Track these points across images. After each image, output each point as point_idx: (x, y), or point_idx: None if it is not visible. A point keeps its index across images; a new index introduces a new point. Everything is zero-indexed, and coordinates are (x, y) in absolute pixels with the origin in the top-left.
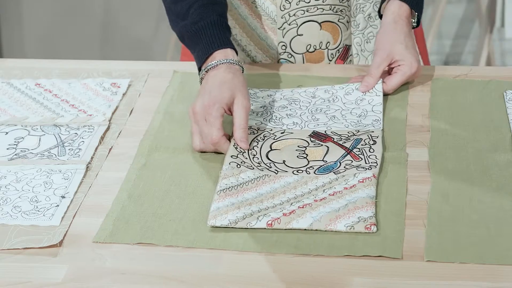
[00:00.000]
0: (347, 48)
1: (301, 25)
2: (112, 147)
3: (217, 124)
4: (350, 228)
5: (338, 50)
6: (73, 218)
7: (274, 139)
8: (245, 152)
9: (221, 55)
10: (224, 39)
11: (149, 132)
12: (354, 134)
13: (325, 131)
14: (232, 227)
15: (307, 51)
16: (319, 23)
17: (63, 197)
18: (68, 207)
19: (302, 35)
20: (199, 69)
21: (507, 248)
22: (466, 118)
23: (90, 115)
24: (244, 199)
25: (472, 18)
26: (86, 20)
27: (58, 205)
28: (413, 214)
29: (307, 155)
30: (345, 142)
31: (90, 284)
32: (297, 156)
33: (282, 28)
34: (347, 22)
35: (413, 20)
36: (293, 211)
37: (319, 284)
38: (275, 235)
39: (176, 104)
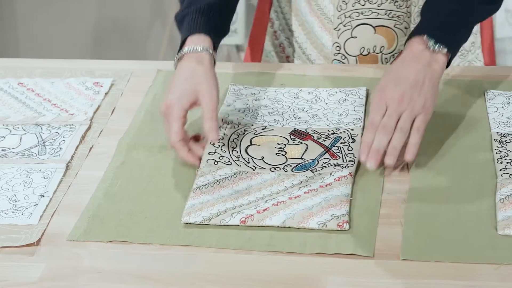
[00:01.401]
0: None
1: (355, 27)
2: (92, 146)
3: (175, 126)
4: (323, 226)
5: (393, 55)
6: (51, 217)
7: (254, 133)
8: (224, 145)
9: (191, 42)
10: (200, 24)
11: (129, 131)
12: (334, 132)
13: (305, 129)
14: (205, 224)
15: (361, 54)
16: (374, 27)
17: (42, 196)
18: (47, 206)
19: (356, 37)
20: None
21: (482, 247)
22: (446, 117)
23: (72, 114)
24: (219, 196)
25: None
26: (80, 20)
27: (36, 204)
28: (390, 213)
29: (286, 152)
30: (324, 140)
31: (66, 283)
32: (276, 154)
33: (337, 29)
34: (406, 28)
35: (429, 44)
36: (266, 209)
37: (292, 282)
38: (248, 232)
39: (158, 103)
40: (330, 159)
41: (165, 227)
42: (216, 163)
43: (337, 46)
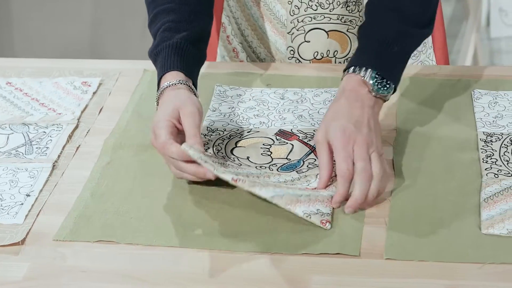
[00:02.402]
0: None
1: (308, 31)
2: (79, 145)
3: (162, 133)
4: (307, 216)
5: (347, 59)
6: (36, 217)
7: (240, 137)
8: (209, 148)
9: (165, 80)
10: (172, 62)
11: (115, 130)
12: None
13: (291, 130)
14: (199, 162)
15: (315, 58)
16: (326, 32)
17: (28, 195)
18: (33, 205)
19: (309, 41)
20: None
21: (466, 246)
22: (433, 117)
23: (60, 113)
24: (212, 161)
25: (460, 18)
26: (76, 20)
27: (22, 204)
28: (374, 213)
29: (271, 152)
30: (310, 140)
31: (50, 282)
32: (261, 154)
33: (291, 33)
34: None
35: (371, 88)
36: (257, 182)
37: (278, 282)
38: (234, 233)
39: (144, 103)
40: (315, 159)
41: (151, 227)
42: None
43: (291, 50)
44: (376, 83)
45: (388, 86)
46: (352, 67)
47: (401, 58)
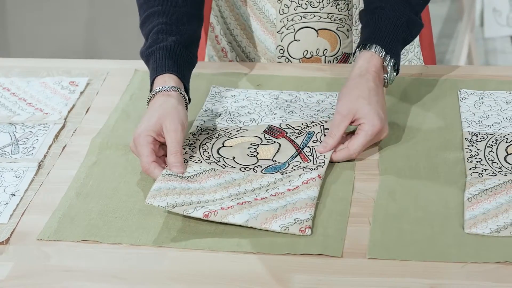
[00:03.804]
0: (346, 56)
1: (298, 30)
2: (66, 145)
3: (144, 152)
4: (285, 229)
5: (336, 57)
6: (21, 216)
7: (228, 137)
8: (195, 147)
9: (158, 83)
10: (165, 65)
11: (103, 130)
12: (307, 126)
13: (279, 124)
14: (168, 211)
15: (304, 56)
16: (316, 30)
17: (13, 195)
18: (18, 205)
19: (299, 40)
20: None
21: (448, 245)
22: (419, 117)
23: (47, 113)
24: (186, 187)
25: (456, 18)
26: (71, 20)
27: (7, 203)
28: (359, 212)
29: (257, 153)
30: (297, 137)
31: (33, 281)
32: (248, 154)
33: (280, 32)
34: (348, 30)
35: (385, 76)
36: (231, 207)
37: (260, 281)
38: (217, 233)
39: (134, 103)
40: (301, 162)
41: (135, 227)
42: (186, 161)
43: (281, 49)
44: (392, 76)
45: (393, 77)
46: (378, 47)
47: (402, 47)
